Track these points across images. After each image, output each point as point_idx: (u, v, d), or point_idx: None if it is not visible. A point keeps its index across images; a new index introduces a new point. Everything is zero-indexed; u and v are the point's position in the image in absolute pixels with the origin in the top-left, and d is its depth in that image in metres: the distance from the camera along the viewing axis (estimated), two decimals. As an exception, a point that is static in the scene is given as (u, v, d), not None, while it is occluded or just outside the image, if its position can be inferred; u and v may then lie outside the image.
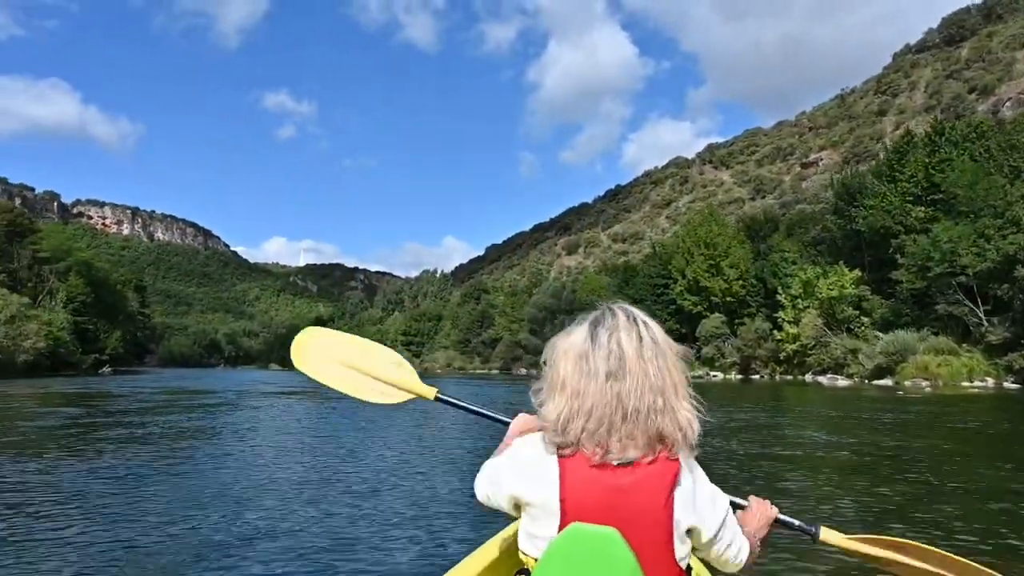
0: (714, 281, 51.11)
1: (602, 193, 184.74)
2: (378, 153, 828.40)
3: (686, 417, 1.21)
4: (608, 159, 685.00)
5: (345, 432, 11.17)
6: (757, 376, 46.79)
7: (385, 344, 2.19)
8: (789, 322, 44.17)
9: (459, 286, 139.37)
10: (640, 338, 1.23)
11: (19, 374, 40.51)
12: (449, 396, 1.97)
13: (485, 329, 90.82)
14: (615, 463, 1.18)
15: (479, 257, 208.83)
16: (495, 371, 78.33)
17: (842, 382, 34.79)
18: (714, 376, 47.95)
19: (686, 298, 53.07)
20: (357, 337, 2.17)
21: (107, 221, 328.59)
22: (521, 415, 1.61)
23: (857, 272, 41.37)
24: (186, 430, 11.56)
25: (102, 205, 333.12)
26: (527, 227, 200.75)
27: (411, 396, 2.03)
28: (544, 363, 1.30)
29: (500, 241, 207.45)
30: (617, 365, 1.20)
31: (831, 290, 40.90)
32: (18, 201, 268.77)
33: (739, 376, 47.83)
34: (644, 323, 1.26)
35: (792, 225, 56.34)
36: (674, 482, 1.18)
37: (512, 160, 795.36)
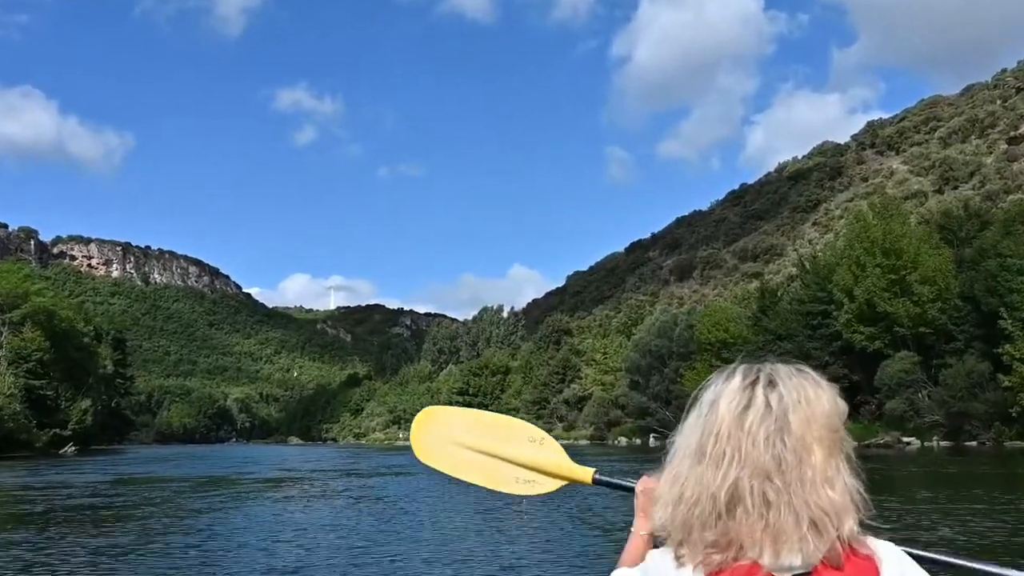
0: (899, 304, 48.11)
1: (722, 196, 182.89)
2: (423, 159, 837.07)
3: (830, 502, 1.11)
4: (727, 150, 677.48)
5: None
6: (974, 443, 43.79)
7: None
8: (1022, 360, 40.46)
9: (532, 328, 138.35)
10: (748, 404, 1.17)
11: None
12: (609, 477, 1.94)
13: (568, 384, 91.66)
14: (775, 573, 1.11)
15: (558, 289, 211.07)
16: (583, 440, 78.35)
17: None
18: (907, 443, 46.14)
19: (857, 330, 50.52)
20: (486, 413, 2.29)
21: (93, 262, 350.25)
22: (643, 479, 1.62)
23: None
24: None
25: (87, 242, 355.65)
26: (621, 247, 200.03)
27: (561, 483, 2.05)
28: None
29: (585, 268, 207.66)
30: (707, 439, 1.18)
31: (1089, 310, 36.04)
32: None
33: (946, 443, 45.34)
34: (769, 382, 1.18)
35: (1010, 220, 52.07)
36: None
37: (597, 158, 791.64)
